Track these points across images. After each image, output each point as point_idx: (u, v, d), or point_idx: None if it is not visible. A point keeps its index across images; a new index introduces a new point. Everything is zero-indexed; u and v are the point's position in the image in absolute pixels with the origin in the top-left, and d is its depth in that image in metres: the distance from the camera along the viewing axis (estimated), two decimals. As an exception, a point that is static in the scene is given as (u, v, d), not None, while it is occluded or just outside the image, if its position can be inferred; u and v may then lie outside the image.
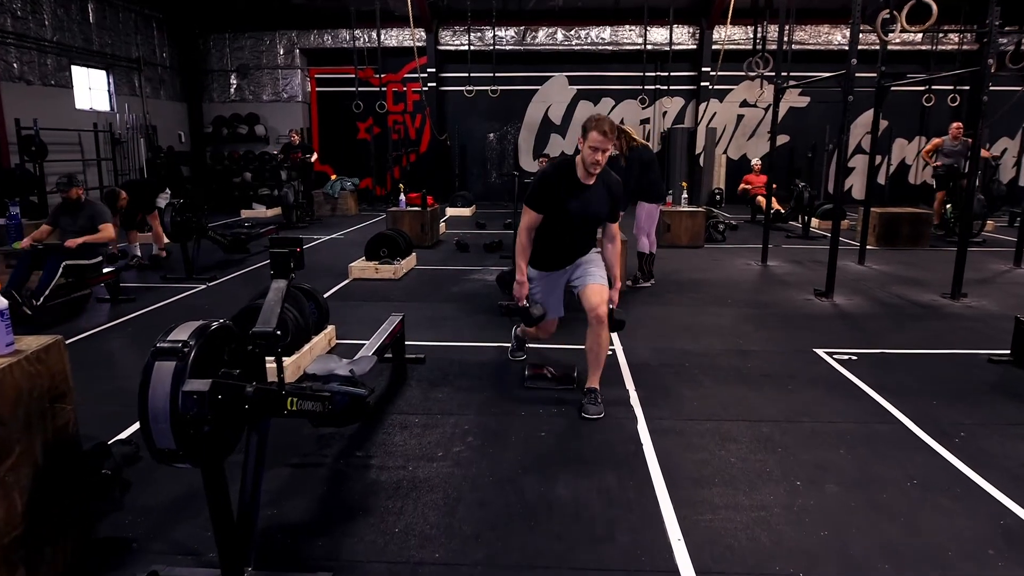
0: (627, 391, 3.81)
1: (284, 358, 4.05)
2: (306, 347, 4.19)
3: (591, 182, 3.39)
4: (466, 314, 5.54)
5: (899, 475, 2.85)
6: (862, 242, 7.90)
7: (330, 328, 4.64)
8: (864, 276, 7.15)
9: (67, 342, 4.91)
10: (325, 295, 6.21)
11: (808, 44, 14.78)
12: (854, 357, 4.41)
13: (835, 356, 4.43)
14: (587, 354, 3.54)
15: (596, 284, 3.48)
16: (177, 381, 1.94)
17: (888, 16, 5.48)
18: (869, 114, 13.55)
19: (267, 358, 2.38)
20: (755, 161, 12.17)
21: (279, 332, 2.34)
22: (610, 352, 4.48)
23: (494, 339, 4.76)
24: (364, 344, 3.73)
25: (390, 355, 4.14)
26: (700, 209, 9.53)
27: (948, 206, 10.05)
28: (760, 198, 11.27)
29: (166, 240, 7.57)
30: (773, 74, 12.17)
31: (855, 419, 3.44)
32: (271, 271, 2.51)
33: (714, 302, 5.97)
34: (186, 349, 1.98)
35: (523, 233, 3.49)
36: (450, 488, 2.73)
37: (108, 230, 5.75)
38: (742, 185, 11.71)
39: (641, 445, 3.12)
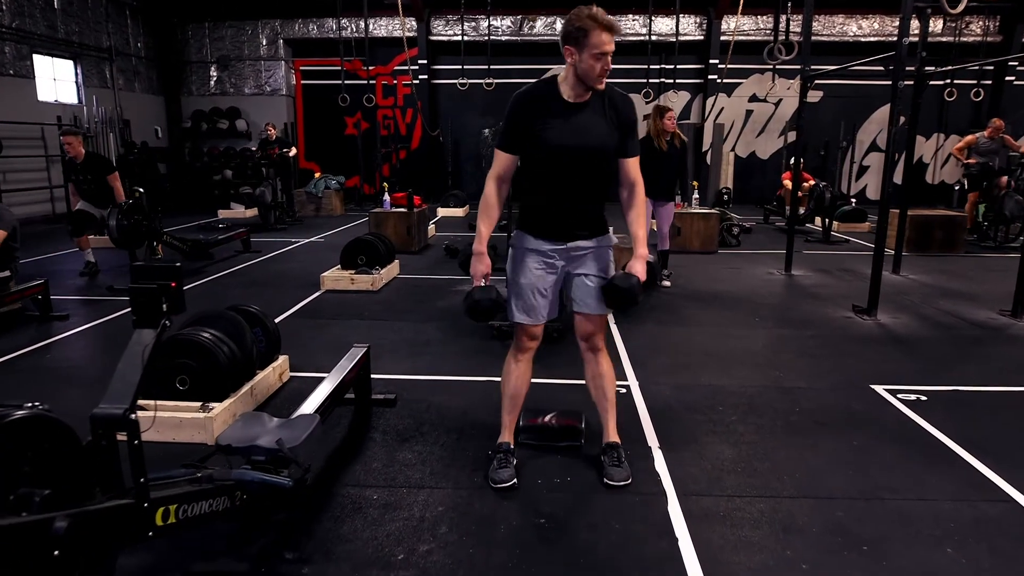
0: (649, 449, 2.98)
1: (214, 404, 3.25)
2: (246, 387, 3.35)
3: (585, 99, 2.42)
4: (451, 337, 4.71)
5: (1042, 595, 2.04)
6: (897, 248, 7.08)
7: (282, 359, 3.80)
8: (904, 288, 6.33)
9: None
10: (290, 311, 5.42)
11: (821, 35, 13.97)
12: (923, 397, 3.59)
13: (899, 396, 3.62)
14: (592, 393, 2.79)
15: (585, 314, 2.62)
16: (-99, 533, 1.12)
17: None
18: (885, 110, 12.82)
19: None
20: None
21: (134, 416, 1.52)
22: (623, 390, 3.67)
23: (482, 372, 3.93)
24: (324, 379, 2.94)
25: (352, 395, 3.34)
26: (714, 211, 8.71)
27: (982, 207, 9.25)
28: (787, 184, 10.07)
29: None
30: (793, 66, 11.41)
31: (952, 494, 2.62)
32: (133, 316, 1.68)
33: (740, 321, 5.16)
34: (-74, 472, 1.16)
35: (489, 183, 2.58)
36: (409, 623, 1.91)
37: None
38: (786, 184, 10.48)
39: (676, 540, 2.29)
